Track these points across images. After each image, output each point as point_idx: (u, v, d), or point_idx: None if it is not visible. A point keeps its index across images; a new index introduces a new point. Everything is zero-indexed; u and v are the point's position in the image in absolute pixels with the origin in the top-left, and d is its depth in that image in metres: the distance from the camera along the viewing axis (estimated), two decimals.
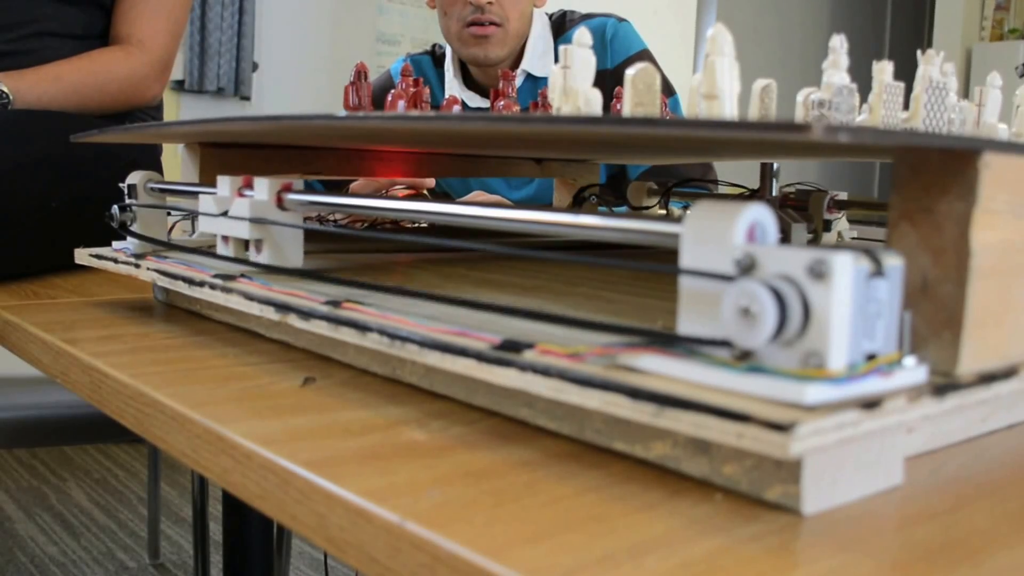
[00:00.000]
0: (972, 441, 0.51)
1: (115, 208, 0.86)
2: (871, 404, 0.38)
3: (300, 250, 0.74)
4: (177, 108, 4.11)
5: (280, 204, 0.72)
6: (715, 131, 0.38)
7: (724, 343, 0.40)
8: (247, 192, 0.74)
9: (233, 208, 0.73)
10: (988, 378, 0.45)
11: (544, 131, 0.55)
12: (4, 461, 3.36)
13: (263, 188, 0.72)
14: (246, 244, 0.74)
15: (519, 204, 1.63)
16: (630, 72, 0.61)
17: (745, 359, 0.40)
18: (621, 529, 0.37)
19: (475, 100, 1.81)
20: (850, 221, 1.15)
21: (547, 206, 1.62)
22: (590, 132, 0.49)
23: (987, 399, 0.45)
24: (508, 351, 0.46)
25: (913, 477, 0.44)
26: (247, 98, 4.28)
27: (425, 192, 1.48)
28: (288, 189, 0.72)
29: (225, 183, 0.76)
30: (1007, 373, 0.46)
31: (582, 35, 0.62)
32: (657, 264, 0.43)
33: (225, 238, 0.76)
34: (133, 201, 0.86)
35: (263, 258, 0.72)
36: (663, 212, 1.27)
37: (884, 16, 5.79)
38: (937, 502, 0.42)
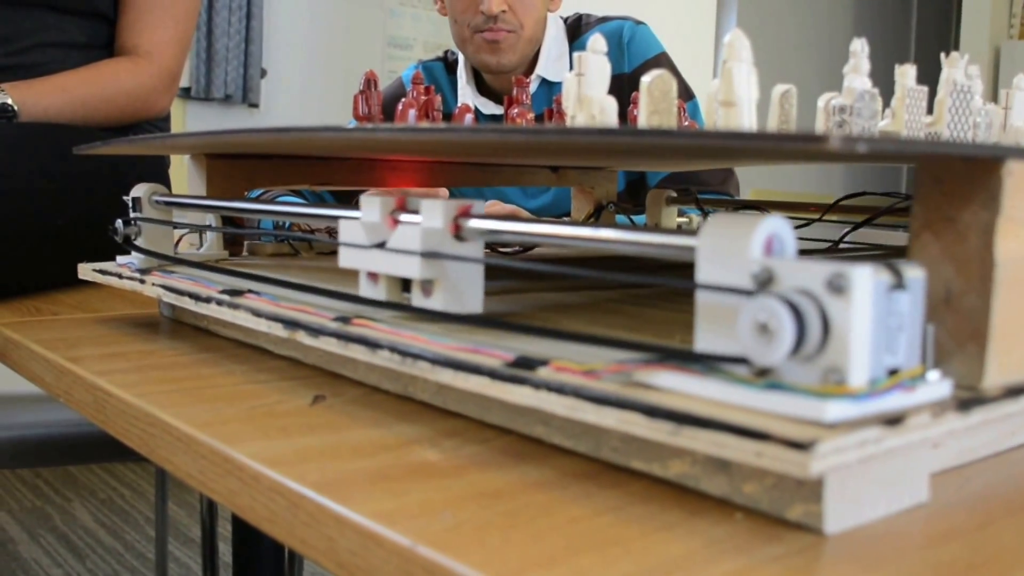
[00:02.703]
0: (1000, 456, 0.51)
1: (119, 222, 0.86)
2: (894, 420, 0.38)
3: (480, 291, 0.61)
4: (183, 116, 4.13)
5: (458, 233, 0.59)
6: (729, 142, 0.38)
7: (742, 360, 0.40)
8: (406, 218, 0.61)
9: (394, 239, 0.60)
10: (1015, 391, 0.45)
11: (559, 142, 0.55)
12: (7, 481, 3.37)
13: (435, 213, 0.59)
14: (403, 284, 0.62)
15: (536, 215, 1.64)
16: (646, 79, 0.61)
17: (764, 376, 0.40)
18: (638, 551, 0.38)
19: (489, 107, 1.81)
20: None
21: (561, 218, 1.62)
22: (605, 142, 0.50)
23: (1014, 413, 0.45)
24: (522, 368, 0.47)
25: (939, 494, 0.44)
26: (255, 105, 4.29)
27: None
28: (467, 214, 0.59)
29: (374, 206, 0.62)
30: None
31: (596, 41, 0.62)
32: (670, 279, 0.43)
33: (372, 275, 0.63)
34: (137, 215, 0.86)
35: (436, 303, 0.59)
36: (684, 220, 1.28)
37: (910, 15, 5.77)
38: (964, 520, 0.42)
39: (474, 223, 0.58)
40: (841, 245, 1.05)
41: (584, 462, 0.48)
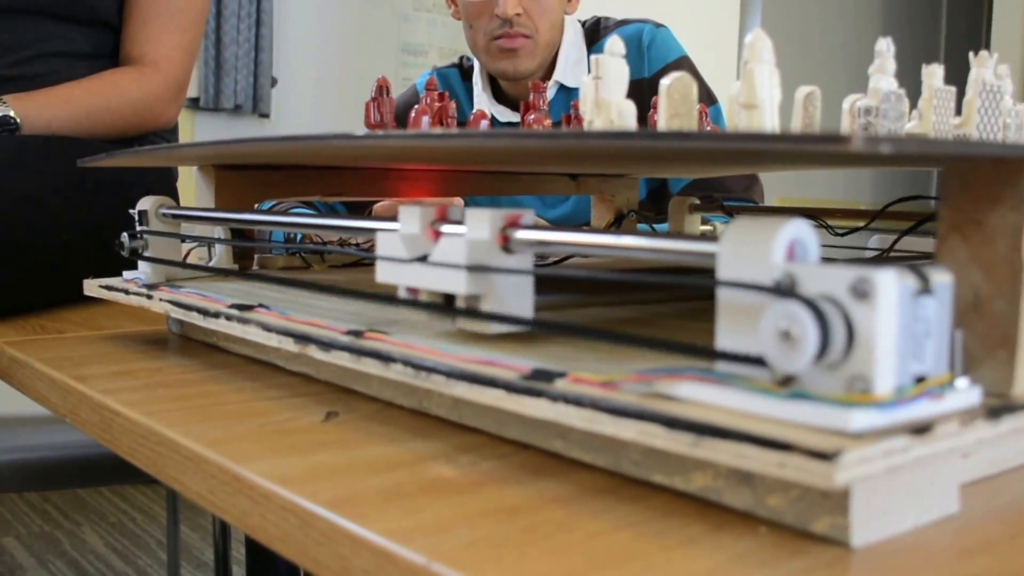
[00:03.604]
0: None
1: (125, 236, 0.87)
2: (921, 429, 0.38)
3: (530, 306, 0.59)
4: (192, 127, 4.14)
5: (506, 245, 0.57)
6: (748, 144, 0.38)
7: (763, 362, 0.40)
8: (449, 229, 0.60)
9: (437, 252, 0.58)
10: None
11: (575, 147, 0.56)
12: (14, 506, 3.39)
13: (481, 224, 0.57)
14: (447, 299, 0.60)
15: (556, 224, 1.64)
16: (665, 82, 0.61)
17: (787, 384, 0.40)
18: (660, 567, 0.38)
19: (505, 114, 1.81)
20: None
21: (581, 226, 1.62)
22: (622, 147, 0.50)
23: None
24: (539, 380, 0.47)
25: (969, 505, 0.44)
26: (266, 115, 4.31)
27: None
28: (515, 224, 0.57)
29: (413, 216, 0.61)
30: None
31: (614, 44, 0.62)
32: (689, 278, 0.44)
33: (413, 290, 0.61)
34: (144, 228, 0.87)
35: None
36: (707, 228, 1.28)
37: (939, 13, 5.76)
38: (995, 531, 0.42)
39: (523, 234, 0.57)
40: (891, 255, 1.03)
41: (604, 476, 0.48)
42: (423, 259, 0.59)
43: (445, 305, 0.59)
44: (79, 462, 1.67)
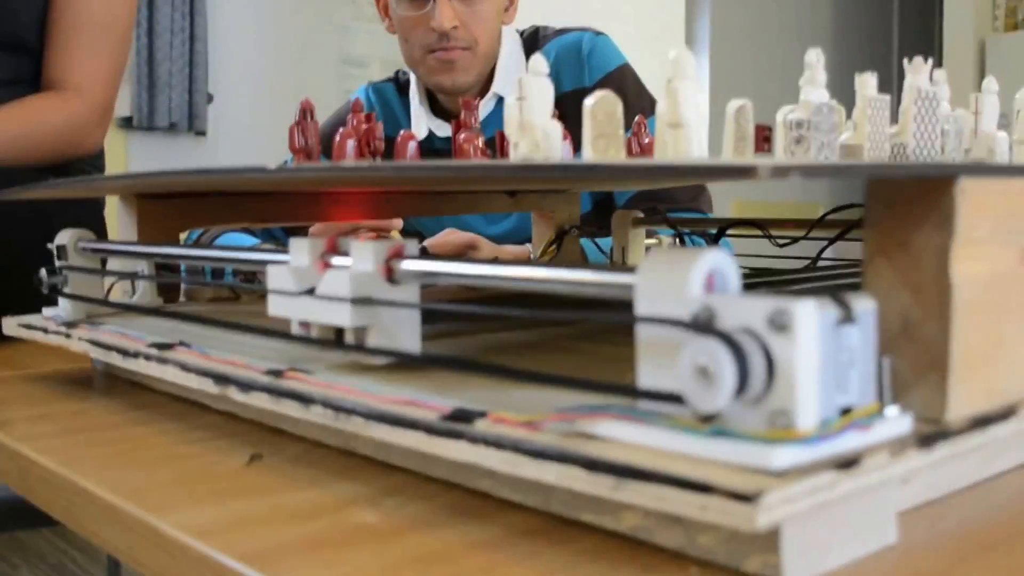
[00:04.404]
0: (977, 486, 0.51)
1: (43, 271, 0.86)
2: (848, 463, 0.38)
3: (417, 339, 0.60)
4: (125, 148, 4.11)
5: (391, 277, 0.59)
6: (654, 176, 0.38)
7: (681, 399, 0.40)
8: (336, 261, 0.61)
9: (323, 285, 0.59)
10: (982, 421, 0.45)
11: (474, 176, 0.55)
12: None
13: (365, 256, 0.58)
14: (337, 332, 0.60)
15: (497, 241, 1.63)
16: (588, 102, 0.61)
17: (709, 421, 0.40)
18: None
19: (444, 128, 1.80)
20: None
21: (523, 242, 1.62)
22: (520, 176, 0.50)
23: (983, 444, 0.45)
24: (459, 421, 0.46)
25: (909, 534, 0.44)
26: (203, 133, 4.29)
27: (395, 234, 1.47)
28: (399, 255, 0.58)
29: (303, 248, 0.62)
30: (1004, 414, 0.46)
31: (537, 63, 0.62)
32: (606, 315, 0.43)
33: (304, 324, 0.62)
34: (63, 263, 0.86)
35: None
36: (653, 242, 1.27)
37: (891, 12, 5.81)
38: (935, 560, 0.42)
39: (408, 265, 0.58)
40: (820, 263, 1.05)
41: (533, 517, 0.48)
42: (311, 292, 0.60)
43: (334, 339, 0.60)
44: (12, 504, 1.65)
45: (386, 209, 1.18)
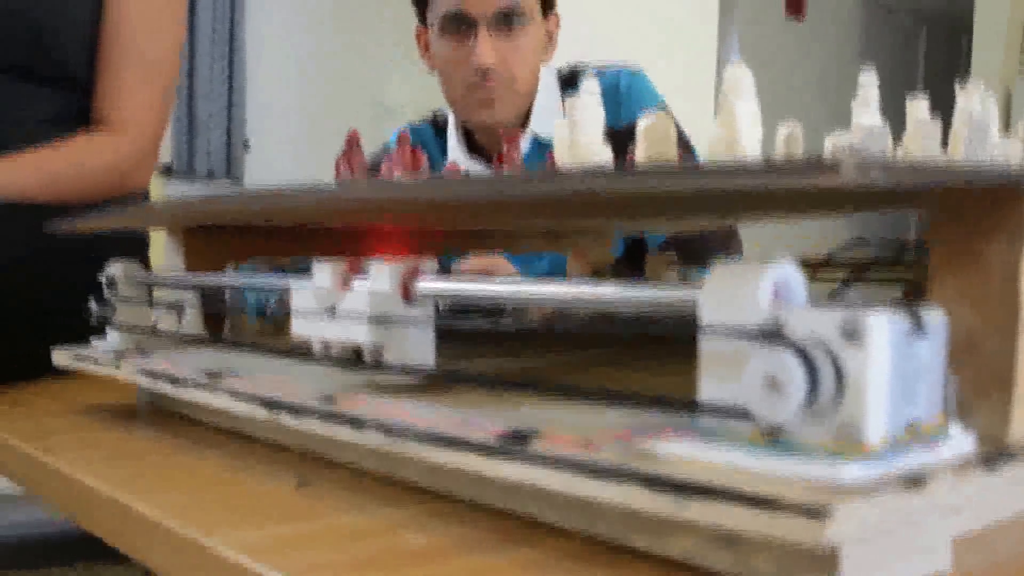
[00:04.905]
0: None
1: (92, 302, 0.85)
2: (915, 481, 0.36)
3: (431, 357, 0.62)
4: (163, 195, 4.12)
5: (407, 296, 0.60)
6: (731, 179, 0.37)
7: (747, 414, 0.38)
8: (357, 282, 0.62)
9: (343, 305, 0.61)
10: None
11: (542, 193, 0.54)
12: None
13: (382, 276, 0.60)
14: (356, 353, 0.62)
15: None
16: (642, 123, 0.60)
17: (774, 435, 0.38)
18: None
19: (480, 168, 1.80)
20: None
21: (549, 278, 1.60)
22: (602, 188, 0.48)
23: None
24: (515, 442, 0.45)
25: (963, 561, 0.42)
26: (239, 179, 4.30)
27: None
28: (415, 275, 0.60)
29: (325, 271, 0.63)
30: None
31: (588, 84, 0.61)
32: (671, 326, 0.42)
33: (327, 344, 0.64)
34: (112, 294, 0.85)
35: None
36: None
37: (918, 44, 5.79)
38: None
39: (424, 284, 0.59)
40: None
41: (580, 543, 0.46)
42: (331, 311, 0.62)
43: (353, 358, 0.62)
44: (51, 540, 1.64)
45: (426, 247, 1.17)
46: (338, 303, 0.62)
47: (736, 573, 0.40)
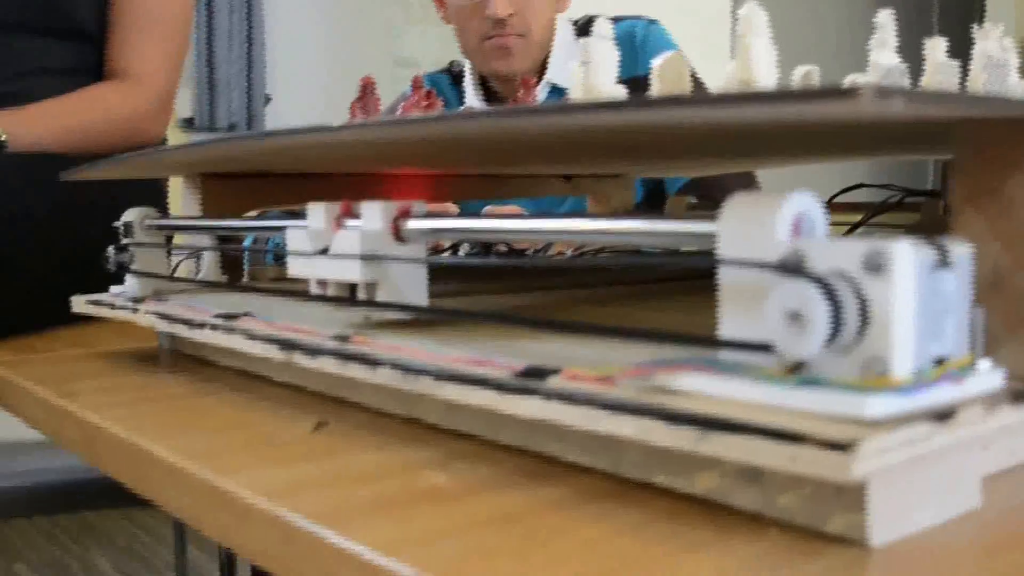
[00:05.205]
0: None
1: (110, 249, 0.84)
2: (943, 415, 0.35)
3: (424, 294, 0.63)
4: None
5: (398, 235, 0.61)
6: (745, 107, 0.35)
7: (770, 348, 0.37)
8: (350, 223, 0.63)
9: (335, 244, 0.62)
10: None
11: (561, 128, 0.53)
12: (25, 531, 3.36)
13: (374, 216, 0.61)
14: (351, 289, 0.63)
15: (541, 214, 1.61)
16: (657, 62, 0.59)
17: (796, 370, 0.37)
18: (663, 573, 0.35)
19: None
20: None
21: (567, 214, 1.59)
22: (609, 123, 0.47)
23: None
24: (531, 378, 0.44)
25: (992, 499, 0.41)
26: None
27: None
28: (406, 215, 0.61)
29: (319, 212, 0.64)
30: None
31: (601, 26, 0.60)
32: (689, 259, 0.41)
33: (322, 282, 0.65)
34: (129, 240, 0.84)
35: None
36: None
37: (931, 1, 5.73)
38: (1022, 526, 0.39)
39: (413, 223, 0.60)
40: None
41: (603, 480, 0.45)
42: (324, 252, 0.63)
43: (348, 296, 0.63)
44: (85, 485, 1.64)
45: (442, 192, 1.16)
46: (331, 243, 0.63)
47: (762, 511, 0.39)
